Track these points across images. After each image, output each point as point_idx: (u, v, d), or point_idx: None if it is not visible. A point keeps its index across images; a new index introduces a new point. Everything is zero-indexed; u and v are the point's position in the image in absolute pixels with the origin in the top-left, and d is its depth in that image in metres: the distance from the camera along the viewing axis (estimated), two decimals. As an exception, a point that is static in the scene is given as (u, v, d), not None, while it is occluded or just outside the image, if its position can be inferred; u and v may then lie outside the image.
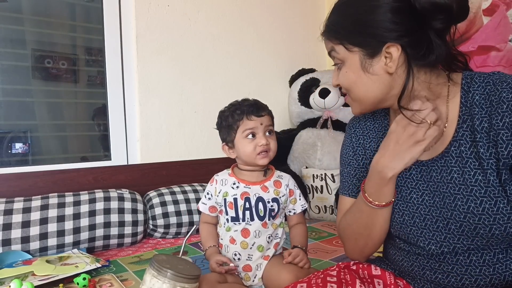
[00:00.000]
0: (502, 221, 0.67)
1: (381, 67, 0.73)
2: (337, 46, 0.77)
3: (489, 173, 0.68)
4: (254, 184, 1.11)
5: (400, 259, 0.83)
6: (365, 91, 0.76)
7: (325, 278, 0.81)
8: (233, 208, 1.09)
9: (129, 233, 1.58)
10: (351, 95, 0.80)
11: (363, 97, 0.78)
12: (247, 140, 1.08)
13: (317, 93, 2.14)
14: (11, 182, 1.59)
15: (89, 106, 2.03)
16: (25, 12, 1.82)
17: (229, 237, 1.10)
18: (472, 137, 0.71)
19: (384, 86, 0.75)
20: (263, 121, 1.09)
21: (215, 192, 1.14)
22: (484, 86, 0.71)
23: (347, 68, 0.77)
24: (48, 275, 1.17)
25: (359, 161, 0.90)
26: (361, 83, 0.76)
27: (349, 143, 0.92)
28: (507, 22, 1.75)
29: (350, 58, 0.75)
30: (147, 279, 0.83)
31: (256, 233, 1.08)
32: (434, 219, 0.74)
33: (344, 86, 0.79)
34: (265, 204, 1.09)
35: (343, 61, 0.77)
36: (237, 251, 1.09)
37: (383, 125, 0.87)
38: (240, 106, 1.10)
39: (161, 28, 1.95)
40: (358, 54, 0.74)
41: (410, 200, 0.78)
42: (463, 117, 0.72)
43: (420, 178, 0.77)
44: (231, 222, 1.10)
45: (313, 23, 2.55)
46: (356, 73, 0.76)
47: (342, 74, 0.78)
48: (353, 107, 0.82)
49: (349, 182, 0.92)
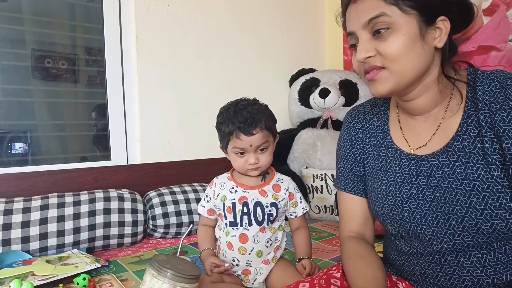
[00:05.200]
0: (503, 217, 0.67)
1: (431, 40, 0.70)
2: (390, 7, 0.68)
3: (493, 168, 0.68)
4: (253, 189, 1.09)
5: (401, 264, 0.83)
6: (415, 61, 0.70)
7: (328, 279, 0.81)
8: (231, 212, 1.08)
9: (129, 233, 1.58)
10: (395, 67, 0.70)
11: (410, 69, 0.70)
12: (237, 155, 1.06)
13: (317, 93, 2.14)
14: (11, 182, 1.59)
15: (89, 106, 2.03)
16: (25, 12, 1.82)
17: (227, 242, 1.09)
18: (477, 132, 0.70)
19: (429, 60, 0.71)
20: (253, 141, 1.01)
21: (213, 195, 1.13)
22: (488, 83, 0.71)
23: (404, 32, 0.68)
24: (48, 275, 1.16)
25: (357, 155, 0.89)
26: (415, 52, 0.69)
27: (347, 136, 0.91)
28: (507, 22, 1.75)
29: (407, 22, 0.68)
30: (147, 279, 0.83)
31: (254, 238, 1.06)
32: (435, 215, 0.74)
33: (393, 54, 0.69)
34: (263, 209, 1.07)
35: (394, 27, 0.68)
36: (235, 257, 1.08)
37: (383, 119, 0.86)
38: (233, 118, 1.02)
39: (161, 28, 1.95)
40: (416, 18, 0.68)
41: (410, 196, 0.77)
42: (468, 112, 0.72)
43: (420, 173, 0.76)
44: (229, 227, 1.09)
45: (313, 23, 2.55)
46: (413, 39, 0.68)
47: (394, 40, 0.68)
48: (385, 83, 0.72)
49: (345, 176, 0.91)
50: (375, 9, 0.68)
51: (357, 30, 0.72)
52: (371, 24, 0.69)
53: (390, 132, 0.84)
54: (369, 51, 0.70)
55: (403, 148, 0.80)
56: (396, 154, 0.81)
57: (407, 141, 0.80)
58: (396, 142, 0.82)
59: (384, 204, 0.81)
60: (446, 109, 0.75)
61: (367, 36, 0.71)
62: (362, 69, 0.74)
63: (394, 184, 0.80)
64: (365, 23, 0.70)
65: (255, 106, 1.05)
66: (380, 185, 0.82)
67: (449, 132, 0.74)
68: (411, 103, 0.77)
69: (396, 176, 0.80)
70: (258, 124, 1.01)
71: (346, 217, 0.91)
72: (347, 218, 0.91)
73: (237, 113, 1.03)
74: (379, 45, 0.69)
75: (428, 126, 0.77)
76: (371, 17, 0.69)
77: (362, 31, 0.71)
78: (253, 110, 1.03)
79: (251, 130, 1.01)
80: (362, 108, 0.91)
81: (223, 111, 1.08)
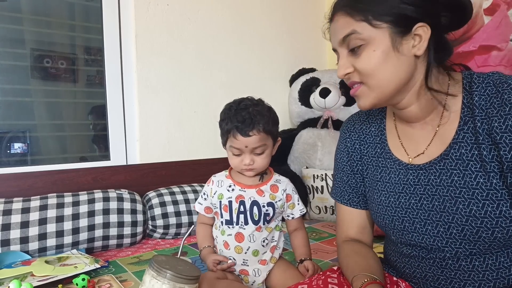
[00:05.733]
0: (504, 224, 0.66)
1: (409, 49, 0.69)
2: (360, 24, 0.68)
3: (492, 175, 0.67)
4: (250, 188, 1.09)
5: (402, 266, 0.82)
6: (392, 74, 0.69)
7: (326, 280, 0.81)
8: (228, 211, 1.08)
9: (128, 233, 1.58)
10: (372, 82, 0.71)
11: (388, 82, 0.70)
12: (233, 154, 1.06)
13: (318, 92, 2.13)
14: (10, 182, 1.58)
15: (88, 106, 2.02)
16: (24, 12, 1.81)
17: (223, 241, 1.09)
18: (474, 139, 0.69)
19: (410, 70, 0.70)
20: (249, 142, 1.01)
21: (210, 193, 1.13)
22: (484, 87, 0.69)
23: (375, 47, 0.68)
24: (47, 276, 1.16)
25: (353, 167, 0.88)
26: (390, 64, 0.69)
27: (344, 148, 0.90)
28: (508, 22, 1.75)
29: (378, 36, 0.68)
30: (146, 279, 0.82)
31: (250, 237, 1.06)
32: (435, 224, 0.73)
33: (367, 69, 0.70)
34: (260, 208, 1.06)
35: (366, 43, 0.69)
36: (231, 256, 1.08)
37: (380, 129, 0.85)
38: (233, 116, 1.02)
39: (160, 27, 1.94)
40: (388, 31, 0.68)
41: (409, 206, 0.76)
42: (465, 118, 0.70)
43: (418, 182, 0.75)
44: (225, 225, 1.09)
45: (313, 22, 2.55)
46: (385, 52, 0.68)
47: (366, 56, 0.69)
48: (366, 98, 0.73)
49: (341, 188, 0.91)
50: (346, 28, 0.70)
51: (337, 47, 0.75)
52: (346, 41, 0.71)
53: (388, 142, 0.83)
54: (347, 67, 0.73)
55: (401, 157, 0.79)
56: (395, 165, 0.80)
57: (406, 150, 0.79)
58: (394, 152, 0.81)
59: (385, 215, 0.80)
60: (441, 115, 0.73)
61: (345, 52, 0.73)
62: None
63: (393, 194, 0.79)
64: (340, 41, 0.72)
65: (256, 108, 1.04)
66: (379, 196, 0.82)
67: (445, 140, 0.73)
68: (405, 111, 0.76)
69: (395, 187, 0.79)
70: (255, 126, 1.00)
71: (343, 226, 0.92)
72: (343, 227, 0.91)
73: (237, 112, 1.02)
74: (355, 61, 0.71)
75: (425, 133, 0.76)
76: (344, 35, 0.71)
77: (340, 48, 0.74)
78: (254, 111, 1.02)
79: (247, 131, 1.00)
80: (358, 118, 0.90)
81: (226, 108, 1.08)
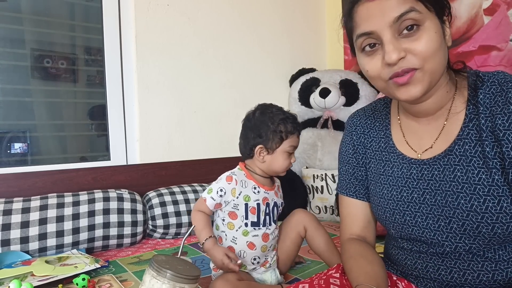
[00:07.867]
0: (504, 220, 0.67)
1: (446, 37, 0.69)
2: (418, 3, 0.64)
3: (494, 172, 0.68)
4: (270, 190, 1.15)
5: (403, 258, 0.83)
6: (443, 59, 0.67)
7: (327, 280, 0.81)
8: (255, 213, 1.09)
9: (129, 233, 1.58)
10: (429, 66, 0.65)
11: (441, 67, 0.67)
12: (286, 155, 1.10)
13: (318, 92, 2.13)
14: (10, 182, 1.58)
15: (88, 106, 2.02)
16: (24, 12, 1.81)
17: (247, 242, 1.09)
18: (477, 136, 0.70)
19: (447, 58, 0.70)
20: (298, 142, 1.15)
21: (232, 192, 1.08)
22: (489, 86, 0.70)
23: (435, 29, 0.65)
24: (47, 276, 1.16)
25: (359, 160, 0.89)
26: (442, 49, 0.66)
27: (349, 140, 0.91)
28: (508, 22, 1.75)
29: (432, 19, 0.65)
30: (146, 279, 0.82)
31: (273, 235, 1.13)
32: (436, 218, 0.74)
33: (429, 52, 0.65)
34: (278, 209, 1.16)
35: (421, 23, 0.64)
36: (256, 256, 1.10)
37: (384, 124, 0.86)
38: (290, 119, 1.11)
39: (160, 27, 1.94)
40: (434, 16, 0.66)
41: (411, 200, 0.77)
42: (470, 116, 0.71)
43: (421, 177, 0.76)
44: (250, 227, 1.09)
45: (313, 23, 2.55)
46: (441, 36, 0.66)
47: (427, 37, 0.64)
48: (421, 84, 0.67)
49: (346, 180, 0.91)
50: (403, 4, 0.64)
51: (381, 29, 0.66)
52: (399, 21, 0.64)
53: (392, 137, 0.84)
54: (401, 51, 0.65)
55: (405, 152, 0.80)
56: (399, 159, 0.81)
57: (410, 145, 0.80)
58: (398, 146, 0.82)
59: (386, 208, 0.81)
60: (449, 111, 0.75)
61: (391, 35, 0.65)
62: (388, 73, 0.67)
63: (396, 188, 0.80)
64: (393, 19, 0.64)
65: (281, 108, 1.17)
66: (382, 189, 0.82)
67: (450, 136, 0.74)
68: (419, 105, 0.76)
69: (398, 181, 0.80)
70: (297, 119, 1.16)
71: (348, 220, 0.91)
72: (348, 221, 0.91)
73: (288, 114, 1.12)
74: (411, 43, 0.64)
75: (430, 129, 0.77)
76: (402, 13, 0.63)
77: (387, 29, 0.65)
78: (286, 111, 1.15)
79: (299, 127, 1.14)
80: (363, 113, 0.91)
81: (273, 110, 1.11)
